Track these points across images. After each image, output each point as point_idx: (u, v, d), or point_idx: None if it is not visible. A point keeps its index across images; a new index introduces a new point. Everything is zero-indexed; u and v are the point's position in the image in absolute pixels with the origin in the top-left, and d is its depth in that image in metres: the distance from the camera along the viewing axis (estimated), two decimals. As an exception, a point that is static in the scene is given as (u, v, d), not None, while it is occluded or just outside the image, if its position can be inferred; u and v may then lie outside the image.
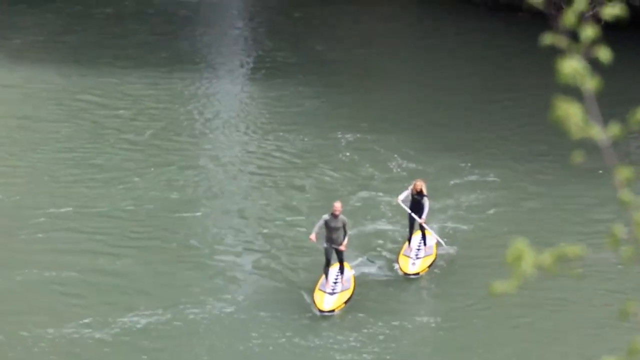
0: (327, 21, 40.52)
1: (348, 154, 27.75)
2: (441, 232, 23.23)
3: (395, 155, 27.47)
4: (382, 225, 23.75)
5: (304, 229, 23.22)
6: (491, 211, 24.53)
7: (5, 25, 39.49)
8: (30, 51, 36.22)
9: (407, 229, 22.46)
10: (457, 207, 24.59)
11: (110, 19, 41.00)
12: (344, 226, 20.41)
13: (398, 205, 22.49)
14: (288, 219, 24.21)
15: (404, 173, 26.38)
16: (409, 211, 22.03)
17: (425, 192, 21.94)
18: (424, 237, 22.34)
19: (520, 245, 3.76)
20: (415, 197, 21.99)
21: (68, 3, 42.58)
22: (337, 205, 20.56)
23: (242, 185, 26.12)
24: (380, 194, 25.20)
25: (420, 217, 21.95)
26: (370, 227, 23.65)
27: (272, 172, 26.77)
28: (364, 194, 25.38)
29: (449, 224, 23.76)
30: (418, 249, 22.17)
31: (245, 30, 40.75)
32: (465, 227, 23.72)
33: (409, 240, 22.29)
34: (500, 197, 25.23)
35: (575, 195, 25.25)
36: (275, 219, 24.22)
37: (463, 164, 26.91)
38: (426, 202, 21.94)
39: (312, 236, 20.58)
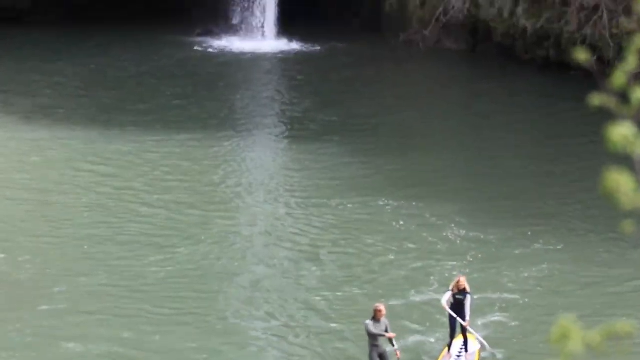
0: (367, 82, 39.93)
1: (402, 222, 26.82)
2: (492, 307, 21.99)
3: (451, 225, 26.66)
4: (430, 297, 22.62)
5: (348, 307, 22.34)
6: (547, 282, 23.50)
7: (21, 84, 38.92)
8: (48, 112, 35.65)
9: (448, 332, 20.64)
10: (512, 279, 23.63)
11: (132, 78, 40.41)
12: (386, 329, 19.29)
13: (442, 302, 20.94)
14: (330, 293, 23.14)
15: (460, 242, 25.62)
16: (455, 315, 20.37)
17: (468, 289, 20.25)
18: (465, 341, 20.60)
19: (566, 323, 3.59)
20: (458, 296, 20.20)
21: (87, 60, 42.14)
22: (381, 307, 19.34)
23: (280, 256, 25.21)
24: (434, 263, 24.26)
25: (464, 319, 20.27)
26: (418, 298, 22.66)
27: (312, 242, 25.99)
28: (417, 264, 24.50)
29: (501, 295, 22.72)
30: (458, 356, 20.52)
31: (280, 90, 40.30)
32: (518, 298, 22.63)
33: (449, 346, 20.55)
34: (556, 269, 24.17)
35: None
36: (317, 294, 23.20)
37: (519, 233, 26.37)
38: (469, 300, 20.22)
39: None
